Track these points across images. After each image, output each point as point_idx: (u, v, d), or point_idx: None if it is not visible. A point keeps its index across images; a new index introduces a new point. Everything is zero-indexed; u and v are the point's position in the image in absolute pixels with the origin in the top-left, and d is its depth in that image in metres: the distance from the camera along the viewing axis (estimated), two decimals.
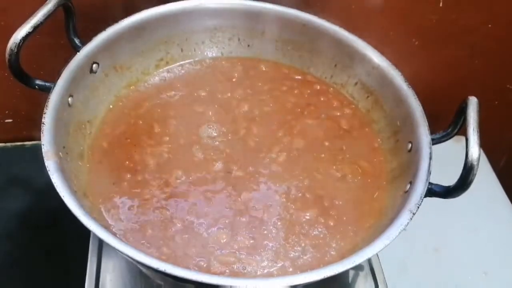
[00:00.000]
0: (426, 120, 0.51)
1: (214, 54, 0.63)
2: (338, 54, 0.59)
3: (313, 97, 0.60)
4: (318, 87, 0.61)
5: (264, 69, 0.63)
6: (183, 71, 0.62)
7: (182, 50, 0.61)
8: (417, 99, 0.53)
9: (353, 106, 0.60)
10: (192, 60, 0.62)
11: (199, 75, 0.61)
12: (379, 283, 0.58)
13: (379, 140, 0.57)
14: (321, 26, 0.59)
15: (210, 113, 0.57)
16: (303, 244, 0.48)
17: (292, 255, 0.47)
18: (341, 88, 0.61)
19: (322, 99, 0.60)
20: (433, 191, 0.46)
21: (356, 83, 0.59)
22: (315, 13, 0.59)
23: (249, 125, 0.57)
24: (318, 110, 0.59)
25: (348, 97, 0.60)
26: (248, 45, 0.63)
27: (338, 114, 0.59)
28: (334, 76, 0.61)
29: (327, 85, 0.61)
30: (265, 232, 0.48)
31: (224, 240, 0.47)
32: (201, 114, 0.57)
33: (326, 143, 0.56)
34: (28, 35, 0.45)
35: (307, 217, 0.49)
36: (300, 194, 0.51)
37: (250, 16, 0.61)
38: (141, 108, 0.57)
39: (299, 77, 0.62)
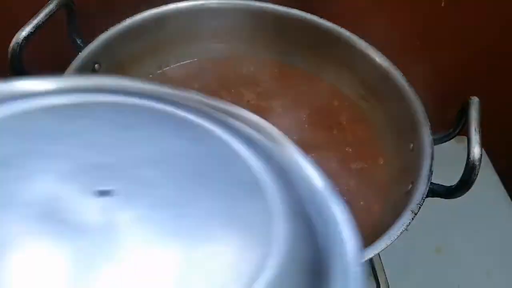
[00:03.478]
0: (427, 120, 0.51)
1: (216, 55, 0.63)
2: (340, 54, 0.60)
3: (314, 96, 0.60)
4: (319, 86, 0.61)
5: (267, 68, 0.63)
6: (185, 71, 0.62)
7: (184, 50, 0.62)
8: (419, 99, 0.53)
9: (354, 106, 0.60)
10: (195, 59, 0.63)
11: (202, 75, 0.61)
12: (380, 283, 0.58)
13: (380, 140, 0.57)
14: (323, 26, 0.59)
15: None
16: None
17: None
18: (342, 88, 0.61)
19: (322, 98, 0.60)
20: (435, 191, 0.46)
21: (357, 83, 0.59)
22: (316, 13, 0.59)
23: None
24: (318, 109, 0.59)
25: (350, 97, 0.60)
26: (251, 45, 0.63)
27: (339, 114, 0.59)
28: (335, 75, 0.61)
29: (328, 84, 0.61)
30: None
31: None
32: None
33: (327, 143, 0.56)
34: (30, 35, 0.46)
35: None
36: None
37: (253, 16, 0.61)
38: None
39: (300, 76, 0.62)
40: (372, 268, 0.59)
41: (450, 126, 0.50)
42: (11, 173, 0.29)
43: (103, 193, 0.28)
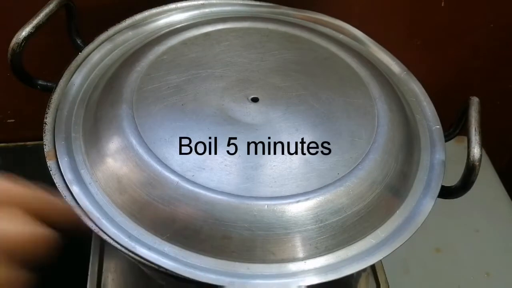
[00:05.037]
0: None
1: None
2: None
3: None
4: None
5: None
6: None
7: None
8: None
9: None
10: None
11: None
12: (380, 283, 0.58)
13: None
14: None
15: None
16: None
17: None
18: None
19: None
20: None
21: None
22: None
23: None
24: None
25: None
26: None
27: None
28: None
29: None
30: None
31: None
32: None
33: None
34: (30, 35, 0.45)
35: None
36: None
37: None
38: None
39: None
40: (372, 268, 0.59)
41: (450, 126, 0.50)
42: (189, 95, 0.44)
43: (254, 100, 0.44)
